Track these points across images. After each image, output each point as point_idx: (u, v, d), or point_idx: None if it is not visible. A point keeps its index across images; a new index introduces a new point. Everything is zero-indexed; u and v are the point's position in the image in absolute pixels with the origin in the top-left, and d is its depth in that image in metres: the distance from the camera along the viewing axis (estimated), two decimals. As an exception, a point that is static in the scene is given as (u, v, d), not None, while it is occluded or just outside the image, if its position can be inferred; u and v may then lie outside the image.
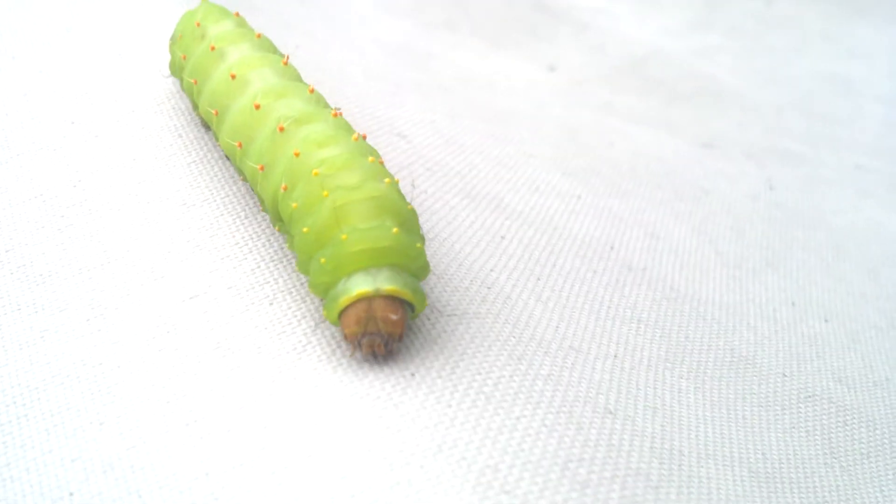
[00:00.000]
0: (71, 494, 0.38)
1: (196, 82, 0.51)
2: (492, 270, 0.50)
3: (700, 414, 0.46)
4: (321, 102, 0.47)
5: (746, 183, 0.79)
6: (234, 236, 0.48)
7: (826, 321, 0.63)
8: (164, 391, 0.41)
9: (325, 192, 0.40)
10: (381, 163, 0.43)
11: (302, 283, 0.45)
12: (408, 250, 0.39)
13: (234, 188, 0.51)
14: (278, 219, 0.45)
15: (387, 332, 0.39)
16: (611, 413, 0.41)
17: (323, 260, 0.39)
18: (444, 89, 0.75)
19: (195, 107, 0.52)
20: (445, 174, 0.58)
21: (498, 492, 0.36)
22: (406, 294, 0.39)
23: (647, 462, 0.40)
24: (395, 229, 0.39)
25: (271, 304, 0.44)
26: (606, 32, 0.98)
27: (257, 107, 0.45)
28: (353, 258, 0.39)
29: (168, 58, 0.55)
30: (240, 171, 0.48)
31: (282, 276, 0.46)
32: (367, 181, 0.40)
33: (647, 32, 1.01)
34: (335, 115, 0.45)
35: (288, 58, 0.50)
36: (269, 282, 0.45)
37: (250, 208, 0.49)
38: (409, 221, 0.41)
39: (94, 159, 0.53)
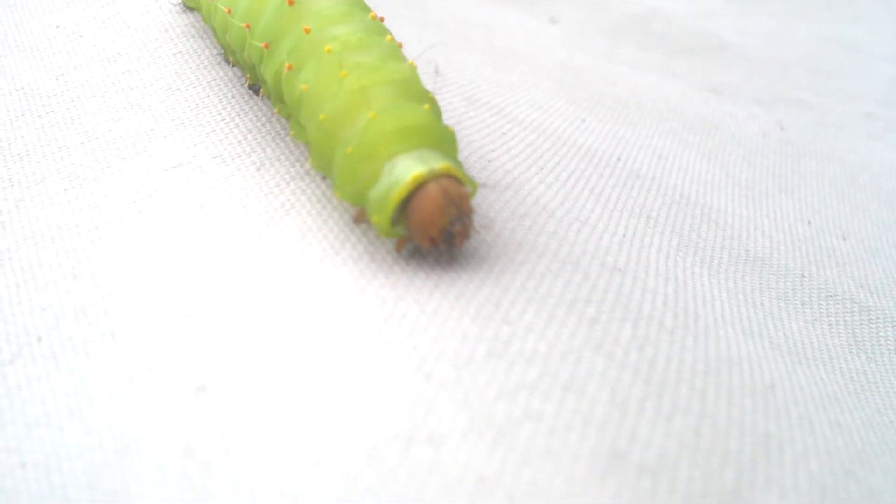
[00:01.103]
0: (39, 339, 0.36)
1: None
2: (493, 150, 0.47)
3: (715, 293, 0.44)
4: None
5: (756, 123, 0.76)
6: (220, 113, 0.45)
7: (844, 239, 0.61)
8: (144, 247, 0.39)
9: (343, 72, 0.35)
10: (400, 45, 0.39)
11: (293, 150, 0.43)
12: (442, 131, 0.35)
13: (222, 72, 0.49)
14: (280, 100, 0.40)
15: (467, 209, 0.33)
16: (620, 270, 0.39)
17: (350, 149, 0.34)
18: (439, 24, 0.73)
19: (215, 33, 0.48)
20: (444, 83, 0.56)
21: (499, 322, 0.34)
22: (459, 173, 0.34)
23: (661, 312, 0.37)
24: (426, 105, 0.35)
25: (258, 169, 0.42)
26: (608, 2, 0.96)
27: None
28: (388, 138, 0.33)
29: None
30: (242, 63, 0.44)
31: (269, 146, 0.43)
32: (388, 61, 0.36)
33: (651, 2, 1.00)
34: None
35: None
36: (255, 150, 0.43)
37: (237, 89, 0.47)
38: (434, 105, 0.36)
39: (77, 55, 0.51)
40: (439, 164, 0.33)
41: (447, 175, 0.33)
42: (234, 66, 0.47)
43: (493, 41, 0.76)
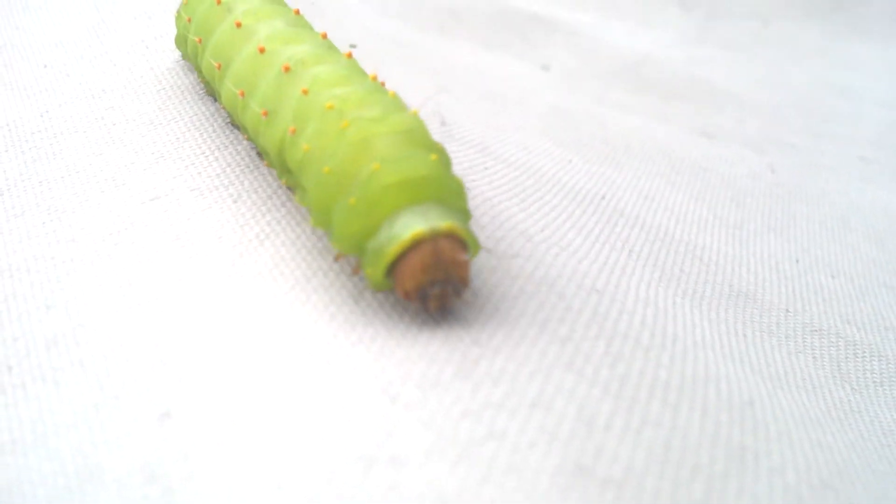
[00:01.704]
0: (10, 368, 0.36)
1: (200, 41, 0.45)
2: (473, 180, 0.47)
3: (696, 321, 0.43)
4: (332, 48, 0.42)
5: (746, 166, 0.76)
6: (200, 147, 0.46)
7: (833, 277, 0.60)
8: (118, 279, 0.39)
9: (345, 123, 0.34)
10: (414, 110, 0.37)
11: (270, 182, 0.43)
12: (449, 183, 0.33)
13: (204, 108, 0.49)
14: (286, 170, 0.39)
15: (457, 276, 0.32)
16: (598, 291, 0.39)
17: (352, 200, 0.33)
18: (432, 71, 0.74)
19: (199, 72, 0.48)
20: (424, 116, 0.56)
21: (469, 344, 0.34)
22: (464, 233, 0.33)
23: (638, 331, 0.37)
24: (433, 156, 0.33)
25: (235, 201, 0.42)
26: (600, 40, 0.97)
27: (262, 50, 0.40)
28: (391, 192, 0.32)
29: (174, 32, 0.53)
30: (243, 128, 0.44)
31: (247, 178, 0.44)
32: (391, 113, 0.34)
33: (641, 43, 1.01)
34: (348, 56, 0.40)
35: (298, 11, 0.45)
36: (234, 183, 0.43)
37: (218, 124, 0.48)
38: (442, 155, 0.35)
39: (63, 93, 0.51)
40: (443, 223, 0.32)
41: (449, 235, 0.32)
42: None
43: (484, 83, 0.77)
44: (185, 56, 0.50)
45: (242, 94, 0.40)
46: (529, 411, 0.31)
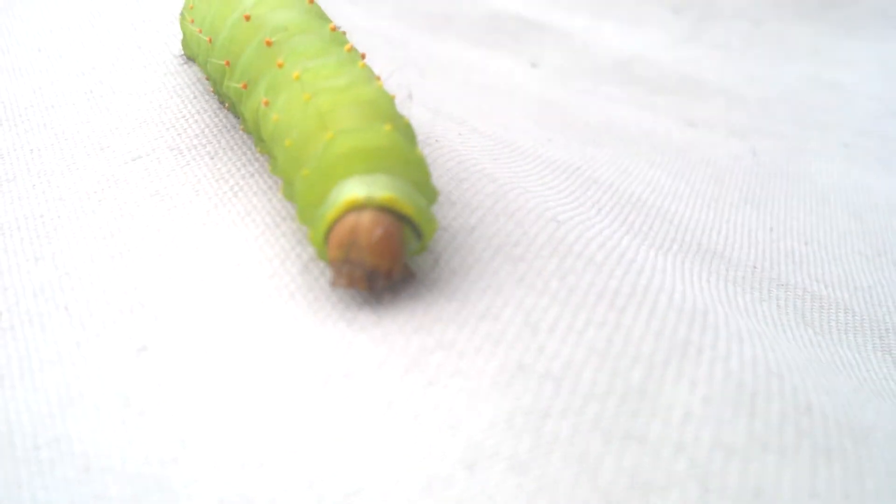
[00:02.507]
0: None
1: (201, 31, 0.45)
2: (443, 144, 0.49)
3: (660, 265, 0.45)
4: (321, 17, 0.41)
5: (729, 149, 0.78)
6: (181, 111, 0.48)
7: (806, 244, 0.62)
8: (101, 231, 0.41)
9: (307, 96, 0.34)
10: (380, 81, 0.37)
11: (246, 140, 0.45)
12: (406, 155, 0.33)
13: (186, 78, 0.51)
14: (260, 138, 0.40)
15: (371, 262, 0.31)
16: (557, 221, 0.40)
17: (306, 171, 0.32)
18: (418, 69, 0.76)
19: (203, 66, 0.46)
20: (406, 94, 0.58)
21: (427, 270, 0.35)
22: (406, 207, 0.31)
23: (593, 251, 0.38)
24: (387, 126, 0.33)
25: (212, 158, 0.44)
26: (590, 41, 0.99)
27: (247, 18, 0.40)
28: (341, 161, 0.32)
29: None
30: (226, 98, 0.44)
31: (224, 138, 0.46)
32: (356, 85, 0.34)
33: (632, 44, 1.03)
34: (332, 28, 0.39)
35: None
36: (211, 142, 0.46)
37: (199, 91, 0.50)
38: (405, 129, 0.35)
39: (55, 72, 0.54)
40: (382, 193, 0.31)
41: (389, 209, 0.31)
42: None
43: (471, 77, 0.79)
44: (189, 53, 0.51)
45: (228, 64, 0.41)
46: (477, 322, 0.33)
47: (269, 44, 0.38)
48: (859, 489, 0.28)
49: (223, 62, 0.41)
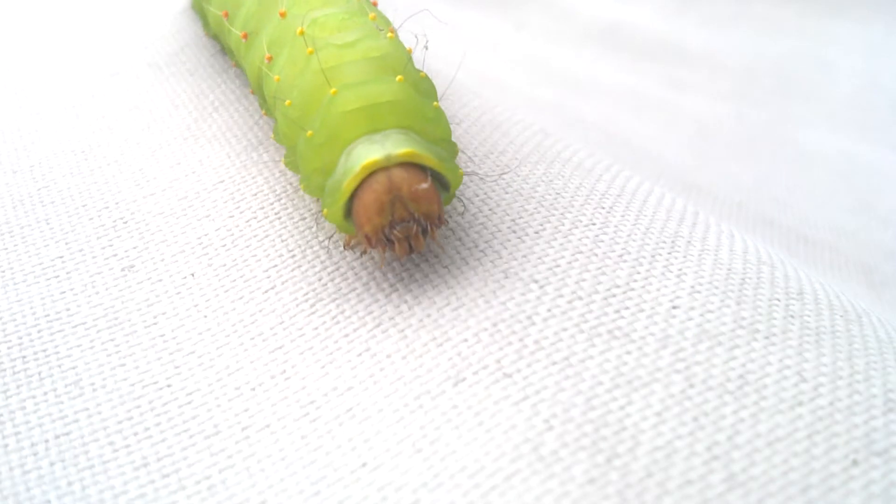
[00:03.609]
0: None
1: None
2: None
3: (645, 186, 0.44)
4: None
5: (715, 111, 0.78)
6: (159, 31, 0.47)
7: (790, 193, 0.61)
8: (80, 144, 0.41)
9: (310, 50, 0.30)
10: (393, 32, 0.33)
11: (224, 58, 0.45)
12: (421, 108, 0.29)
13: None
14: (265, 99, 0.35)
15: (421, 212, 0.27)
16: (544, 132, 0.40)
17: (310, 133, 0.29)
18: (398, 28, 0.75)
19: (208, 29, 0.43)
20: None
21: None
22: (428, 159, 0.27)
23: (581, 157, 0.38)
24: (398, 77, 0.29)
25: (192, 74, 0.44)
26: (576, 8, 0.99)
27: None
28: (349, 120, 0.28)
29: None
30: (229, 52, 0.40)
31: (203, 56, 0.45)
32: (365, 39, 0.30)
33: (618, 12, 1.03)
34: None
35: None
36: (190, 59, 0.45)
37: (178, 10, 0.49)
38: (423, 83, 0.31)
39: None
40: (400, 149, 0.27)
41: (410, 163, 0.27)
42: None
43: (454, 35, 0.78)
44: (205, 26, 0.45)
45: (226, 16, 0.37)
46: (464, 233, 0.32)
47: None
48: (849, 369, 0.28)
49: (221, 12, 0.38)
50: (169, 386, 0.31)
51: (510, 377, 0.28)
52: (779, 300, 0.30)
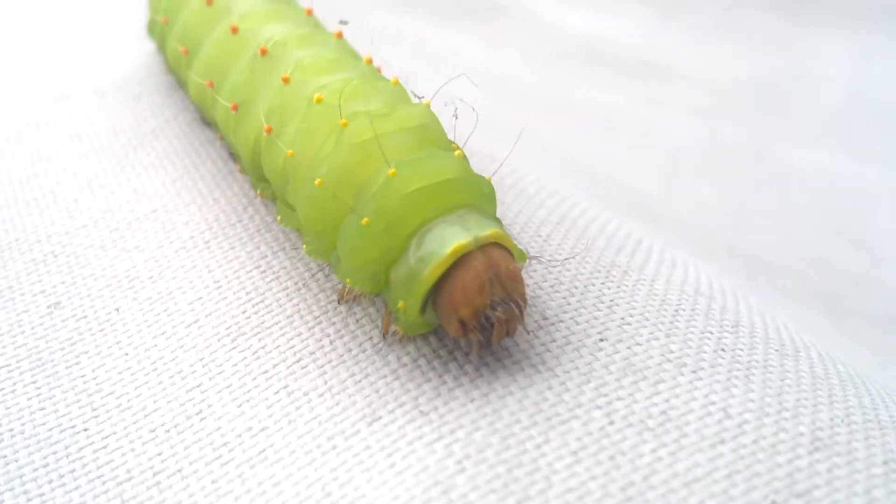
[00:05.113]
0: None
1: (166, 21, 0.40)
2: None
3: (598, 206, 0.43)
4: (319, 27, 0.36)
5: (688, 128, 0.77)
6: (108, 55, 0.47)
7: (761, 216, 0.60)
8: (19, 175, 0.41)
9: (342, 121, 0.27)
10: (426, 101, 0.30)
11: (172, 83, 0.44)
12: (480, 184, 0.27)
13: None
14: (261, 178, 0.32)
15: (517, 292, 0.26)
16: (493, 158, 0.39)
17: (366, 221, 0.25)
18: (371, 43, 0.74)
19: (169, 65, 0.41)
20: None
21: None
22: (509, 241, 0.26)
23: (526, 185, 0.38)
24: (458, 152, 0.27)
25: (136, 100, 0.43)
26: (556, 24, 0.98)
27: (235, 30, 0.33)
28: (415, 202, 0.25)
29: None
30: (214, 125, 0.37)
31: (150, 81, 0.45)
32: (397, 106, 0.28)
33: (599, 27, 1.02)
34: (338, 35, 0.33)
35: None
36: (137, 84, 0.45)
37: (129, 39, 0.49)
38: (462, 156, 0.28)
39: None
40: (486, 230, 0.25)
41: (496, 245, 0.26)
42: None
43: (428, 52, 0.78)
44: (159, 47, 0.43)
45: (211, 85, 0.34)
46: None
47: (264, 52, 0.32)
48: (777, 406, 0.27)
49: (205, 82, 0.34)
50: (86, 430, 0.30)
51: (426, 415, 0.27)
52: (711, 333, 0.30)
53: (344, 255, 0.26)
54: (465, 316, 0.25)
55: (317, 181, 0.26)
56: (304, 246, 0.29)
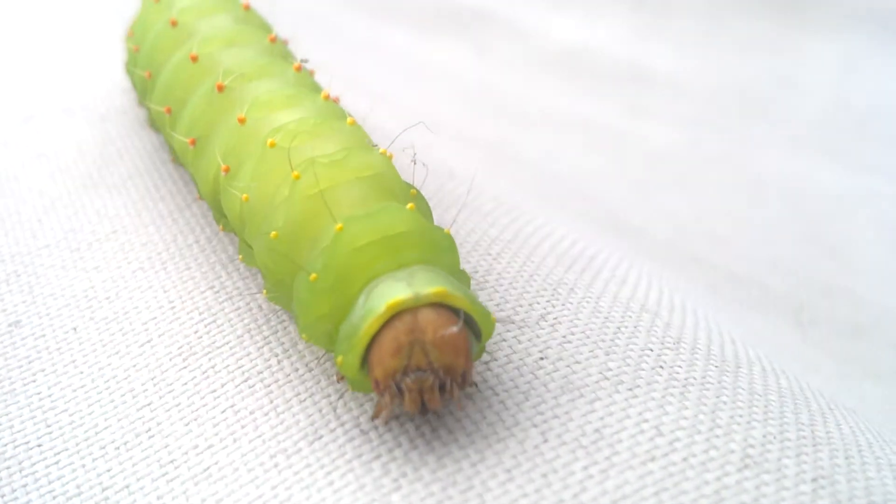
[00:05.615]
0: None
1: (137, 48, 0.39)
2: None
3: (557, 220, 0.44)
4: (284, 55, 0.35)
5: (666, 136, 0.77)
6: (78, 74, 0.47)
7: (733, 226, 0.61)
8: None
9: (295, 174, 0.26)
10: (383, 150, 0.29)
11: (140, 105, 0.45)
12: (435, 237, 0.26)
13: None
14: (222, 213, 0.31)
15: (443, 363, 0.24)
16: (452, 175, 0.40)
17: (314, 276, 0.25)
18: (354, 53, 0.75)
19: (140, 95, 0.39)
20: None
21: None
22: (461, 300, 0.24)
23: (482, 202, 0.38)
24: (409, 205, 0.26)
25: (103, 121, 0.44)
26: (540, 31, 0.99)
27: (194, 59, 0.32)
28: (361, 257, 0.25)
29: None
30: (174, 154, 0.36)
31: (118, 100, 0.45)
32: (353, 153, 0.27)
33: (584, 35, 1.02)
34: (297, 68, 0.32)
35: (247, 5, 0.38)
36: (105, 104, 0.45)
37: (98, 63, 0.49)
38: (420, 202, 0.28)
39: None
40: (430, 288, 0.24)
41: (441, 305, 0.24)
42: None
43: (411, 64, 0.78)
44: (134, 85, 0.41)
45: (169, 112, 0.34)
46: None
47: (220, 89, 0.31)
48: (710, 423, 0.27)
49: (163, 108, 0.34)
50: (39, 446, 0.31)
51: (366, 434, 0.28)
52: (651, 350, 0.30)
53: (297, 311, 0.26)
54: (377, 377, 0.24)
55: (272, 234, 0.26)
56: (265, 291, 0.28)
